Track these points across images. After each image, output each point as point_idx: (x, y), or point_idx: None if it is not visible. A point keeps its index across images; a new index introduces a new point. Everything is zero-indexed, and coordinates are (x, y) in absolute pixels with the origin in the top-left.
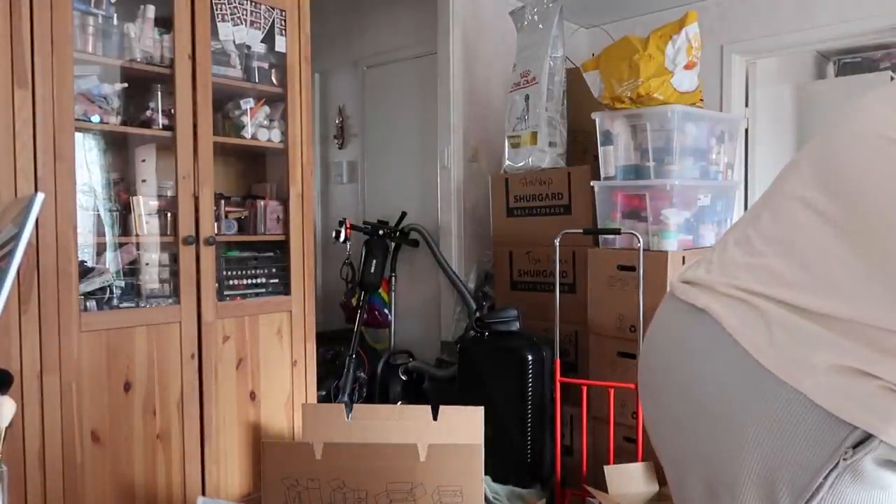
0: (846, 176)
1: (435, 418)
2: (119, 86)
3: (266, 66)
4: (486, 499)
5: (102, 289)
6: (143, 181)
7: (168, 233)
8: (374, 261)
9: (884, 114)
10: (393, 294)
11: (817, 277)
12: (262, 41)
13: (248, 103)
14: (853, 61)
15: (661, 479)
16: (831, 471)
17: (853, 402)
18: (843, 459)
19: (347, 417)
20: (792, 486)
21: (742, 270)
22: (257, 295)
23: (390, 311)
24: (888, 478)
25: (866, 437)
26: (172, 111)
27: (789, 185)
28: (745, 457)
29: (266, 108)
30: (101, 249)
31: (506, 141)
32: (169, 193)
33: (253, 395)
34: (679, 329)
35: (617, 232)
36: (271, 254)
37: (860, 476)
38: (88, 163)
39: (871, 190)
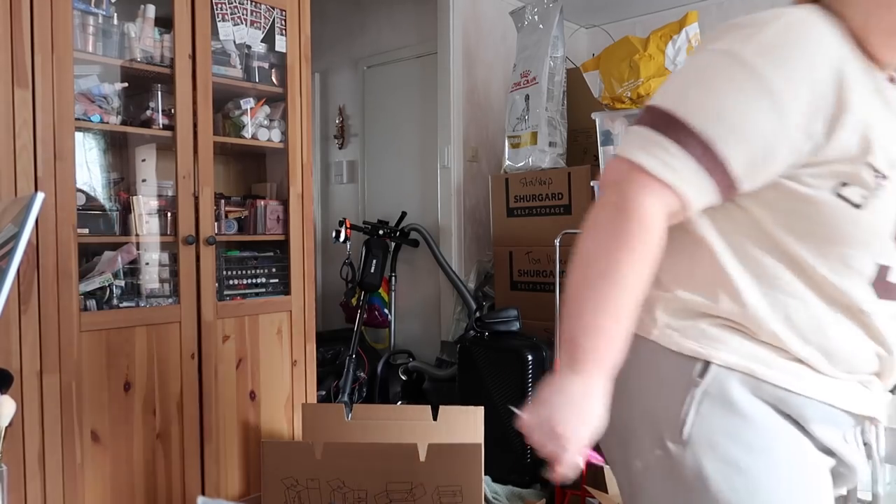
0: None
1: (435, 418)
2: (119, 85)
3: (266, 65)
4: (486, 499)
5: (102, 288)
6: (143, 181)
7: (168, 233)
8: (374, 261)
9: None
10: (393, 294)
11: (665, 263)
12: (262, 41)
13: (248, 103)
14: None
15: None
16: (691, 401)
17: (691, 340)
18: (695, 387)
19: (347, 417)
20: (667, 421)
21: None
22: (257, 295)
23: (390, 311)
24: (742, 406)
25: (707, 365)
26: (172, 111)
27: None
28: (632, 408)
29: (266, 108)
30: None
31: (506, 141)
32: (169, 193)
33: (253, 395)
34: None
35: None
36: (271, 254)
37: (716, 402)
38: (88, 162)
39: None
